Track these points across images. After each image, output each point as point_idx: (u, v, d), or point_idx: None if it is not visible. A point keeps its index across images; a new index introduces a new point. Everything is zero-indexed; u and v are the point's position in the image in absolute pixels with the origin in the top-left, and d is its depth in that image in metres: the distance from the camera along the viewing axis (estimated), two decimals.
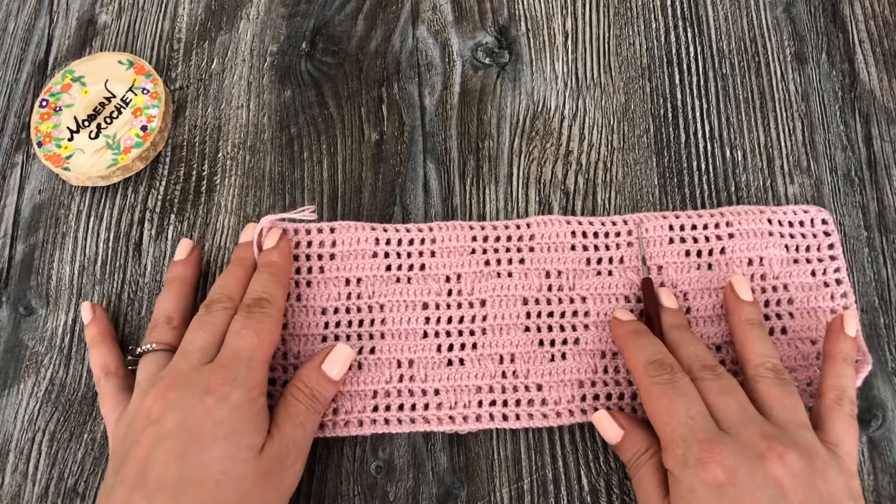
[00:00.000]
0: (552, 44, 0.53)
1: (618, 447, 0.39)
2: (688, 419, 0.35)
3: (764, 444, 0.33)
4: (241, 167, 0.49)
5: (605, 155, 0.49)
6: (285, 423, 0.38)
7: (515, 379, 0.42)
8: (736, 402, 0.36)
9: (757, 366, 0.38)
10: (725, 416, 0.35)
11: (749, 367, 0.38)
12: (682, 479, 0.34)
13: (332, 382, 0.40)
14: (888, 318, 0.45)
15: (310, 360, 0.41)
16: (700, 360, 0.38)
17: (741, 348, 0.40)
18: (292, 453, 0.38)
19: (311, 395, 0.39)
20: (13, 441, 0.43)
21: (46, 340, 0.46)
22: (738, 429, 0.34)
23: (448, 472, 0.42)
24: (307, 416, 0.39)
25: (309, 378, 0.40)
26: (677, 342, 0.40)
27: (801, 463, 0.33)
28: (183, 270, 0.44)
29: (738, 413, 0.35)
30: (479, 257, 0.45)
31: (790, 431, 0.35)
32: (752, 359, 0.39)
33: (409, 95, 0.51)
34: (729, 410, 0.35)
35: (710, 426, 0.35)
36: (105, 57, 0.52)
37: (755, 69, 0.51)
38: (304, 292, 0.44)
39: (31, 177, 0.50)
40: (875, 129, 0.49)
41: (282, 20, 0.54)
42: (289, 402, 0.39)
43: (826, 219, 0.46)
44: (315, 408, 0.40)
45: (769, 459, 0.33)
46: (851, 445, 0.36)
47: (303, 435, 0.39)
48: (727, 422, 0.35)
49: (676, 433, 0.35)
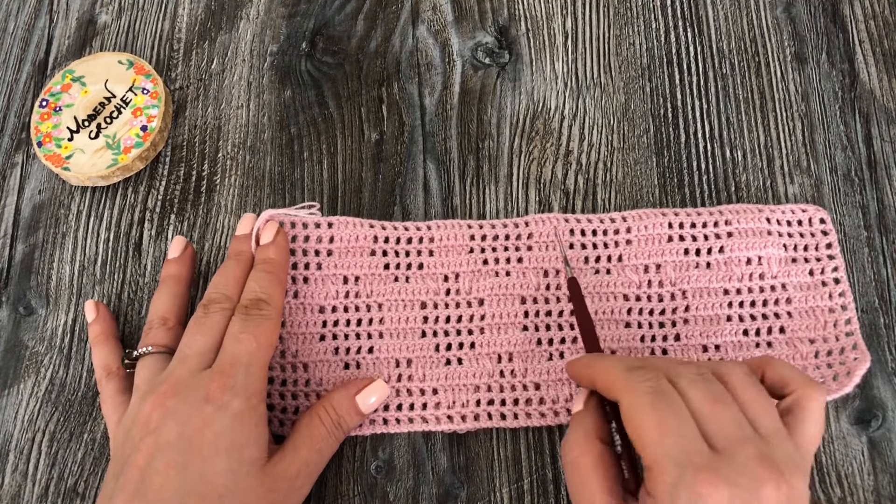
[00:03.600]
0: (552, 44, 0.53)
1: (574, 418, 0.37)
2: (680, 439, 0.31)
3: (763, 472, 0.30)
4: (241, 167, 0.49)
5: (605, 155, 0.49)
6: (304, 445, 0.38)
7: (513, 378, 0.42)
8: (730, 413, 0.32)
9: (726, 364, 0.35)
10: (719, 431, 0.31)
11: (717, 366, 0.35)
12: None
13: (360, 415, 0.40)
14: (888, 318, 0.45)
15: (344, 387, 0.41)
16: (673, 360, 0.36)
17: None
18: (303, 475, 0.37)
19: (337, 422, 0.39)
20: (13, 441, 0.43)
21: (46, 340, 0.46)
22: (733, 449, 0.31)
23: (448, 472, 0.42)
24: (326, 443, 0.39)
25: (340, 405, 0.40)
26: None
27: (790, 485, 0.30)
28: (177, 269, 0.43)
29: (734, 429, 0.31)
30: (477, 256, 0.45)
31: (780, 446, 0.31)
32: (720, 361, 0.35)
33: (409, 95, 0.51)
34: (723, 425, 0.31)
35: (703, 448, 0.31)
36: (105, 57, 0.52)
37: (755, 69, 0.51)
38: (301, 289, 0.44)
39: (31, 177, 0.50)
40: (875, 129, 0.49)
41: (282, 20, 0.54)
42: (314, 423, 0.39)
43: (824, 218, 0.46)
44: (337, 435, 0.39)
45: (766, 491, 0.30)
46: (818, 442, 0.34)
47: (318, 460, 0.38)
48: (720, 440, 0.31)
49: (668, 456, 0.31)
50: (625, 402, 0.33)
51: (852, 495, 0.41)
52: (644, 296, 0.44)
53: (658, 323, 0.44)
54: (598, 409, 0.37)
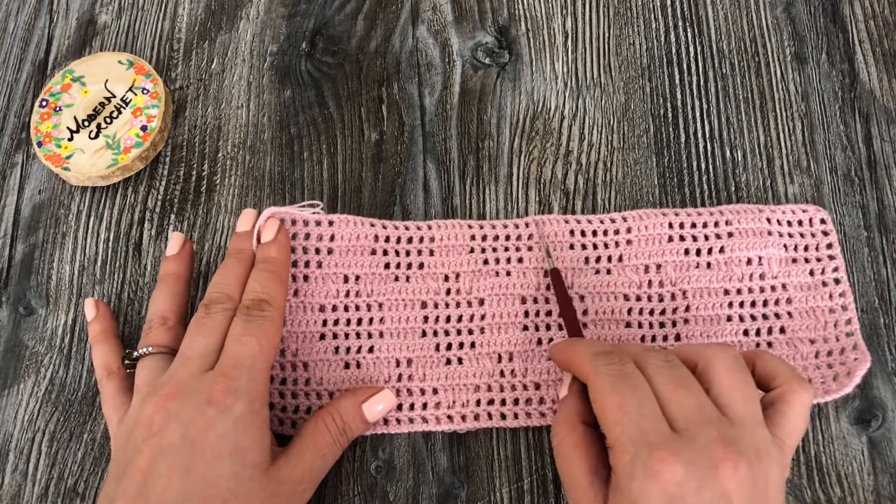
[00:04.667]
0: (552, 44, 0.53)
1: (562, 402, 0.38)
2: (639, 418, 0.32)
3: (721, 452, 0.30)
4: (241, 167, 0.49)
5: (605, 155, 0.49)
6: (308, 451, 0.38)
7: (514, 378, 0.42)
8: (692, 396, 0.32)
9: (715, 348, 0.35)
10: (680, 414, 0.32)
11: (706, 349, 0.35)
12: (627, 488, 0.31)
13: (366, 423, 0.40)
14: (888, 318, 0.45)
15: (352, 394, 0.41)
16: (644, 346, 0.36)
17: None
18: (306, 480, 0.37)
19: (342, 429, 0.39)
20: (13, 441, 0.43)
21: (46, 340, 0.46)
22: (694, 430, 0.31)
23: (448, 472, 0.42)
24: (331, 449, 0.39)
25: (346, 412, 0.40)
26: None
27: (752, 469, 0.30)
28: (176, 266, 0.43)
29: (695, 411, 0.32)
30: (477, 256, 0.45)
31: (747, 430, 0.32)
32: (707, 342, 0.36)
33: (409, 95, 0.51)
34: (685, 408, 0.32)
35: (663, 428, 0.31)
36: (105, 57, 0.52)
37: (755, 69, 0.51)
38: (301, 288, 0.44)
39: (31, 177, 0.50)
40: (875, 129, 0.49)
41: (282, 20, 0.54)
42: (319, 429, 0.39)
43: (825, 218, 0.46)
44: (341, 442, 0.39)
45: (723, 470, 0.30)
46: (799, 438, 0.34)
47: (321, 465, 0.38)
48: (682, 421, 0.32)
49: (626, 434, 0.32)
50: (590, 383, 0.35)
51: (852, 495, 0.41)
52: (644, 296, 0.44)
53: (658, 323, 0.44)
54: (581, 393, 0.37)
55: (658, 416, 0.32)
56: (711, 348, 0.35)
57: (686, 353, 0.35)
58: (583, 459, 0.34)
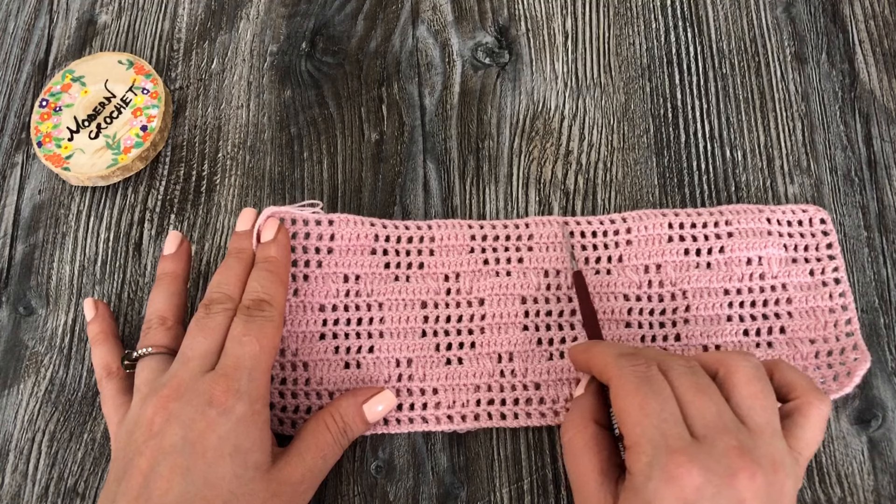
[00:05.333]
0: (552, 44, 0.53)
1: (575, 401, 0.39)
2: (660, 422, 0.32)
3: (738, 462, 0.30)
4: (241, 167, 0.49)
5: (605, 155, 0.49)
6: (309, 451, 0.38)
7: (514, 378, 0.42)
8: (713, 403, 0.33)
9: (738, 356, 0.35)
10: (700, 420, 0.32)
11: (728, 357, 0.35)
12: (643, 489, 0.31)
13: (366, 423, 0.40)
14: (888, 318, 0.45)
15: (352, 395, 0.41)
16: (666, 352, 0.36)
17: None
18: (307, 481, 0.37)
19: (343, 429, 0.39)
20: (13, 441, 0.43)
21: (46, 340, 0.46)
22: (712, 437, 0.31)
23: (448, 472, 0.42)
24: (332, 450, 0.39)
25: (347, 412, 0.40)
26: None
27: (768, 479, 0.31)
28: (173, 265, 0.43)
29: (714, 418, 0.32)
30: (477, 256, 0.45)
31: (766, 440, 0.32)
32: (730, 350, 0.37)
33: (409, 95, 0.51)
34: (705, 414, 0.32)
35: (682, 433, 0.31)
36: (105, 57, 0.52)
37: (755, 69, 0.51)
38: (301, 287, 0.44)
39: (31, 177, 0.50)
40: (875, 129, 0.49)
41: (282, 20, 0.54)
42: (319, 429, 0.39)
43: (825, 218, 0.46)
44: (342, 443, 0.39)
45: (740, 479, 0.30)
46: (814, 451, 0.34)
47: (322, 466, 0.38)
48: (701, 427, 0.32)
49: (646, 436, 0.32)
50: (613, 384, 0.35)
51: (852, 495, 0.41)
52: (644, 296, 0.44)
53: (658, 323, 0.44)
54: (597, 393, 0.38)
55: (679, 420, 0.32)
56: (733, 357, 0.35)
57: (707, 360, 0.36)
58: (594, 459, 0.35)
